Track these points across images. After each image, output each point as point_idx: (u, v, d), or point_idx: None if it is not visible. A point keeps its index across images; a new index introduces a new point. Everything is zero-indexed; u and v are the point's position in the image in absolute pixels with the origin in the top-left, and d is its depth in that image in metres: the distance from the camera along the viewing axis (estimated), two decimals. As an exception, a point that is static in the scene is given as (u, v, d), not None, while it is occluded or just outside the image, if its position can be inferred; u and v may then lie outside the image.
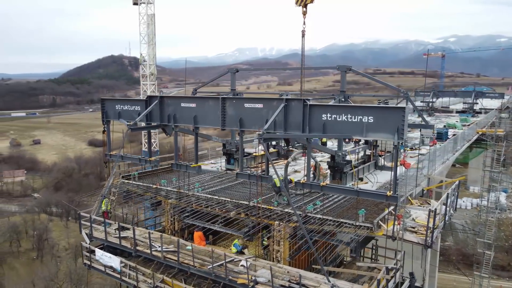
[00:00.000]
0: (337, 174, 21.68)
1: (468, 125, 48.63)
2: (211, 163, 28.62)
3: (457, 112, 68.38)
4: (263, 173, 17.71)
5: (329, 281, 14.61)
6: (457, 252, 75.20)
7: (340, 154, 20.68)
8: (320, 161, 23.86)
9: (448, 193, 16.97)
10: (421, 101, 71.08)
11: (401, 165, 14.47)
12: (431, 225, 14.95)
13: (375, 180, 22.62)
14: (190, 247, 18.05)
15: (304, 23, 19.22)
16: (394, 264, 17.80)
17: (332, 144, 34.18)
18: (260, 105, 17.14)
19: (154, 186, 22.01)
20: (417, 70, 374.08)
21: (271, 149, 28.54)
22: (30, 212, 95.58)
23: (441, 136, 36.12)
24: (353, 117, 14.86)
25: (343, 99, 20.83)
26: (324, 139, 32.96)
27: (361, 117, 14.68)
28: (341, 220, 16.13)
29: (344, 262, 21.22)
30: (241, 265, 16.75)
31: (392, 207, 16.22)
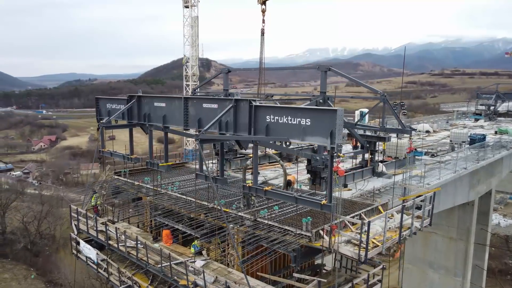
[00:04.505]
0: (316, 179, 20.69)
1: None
2: (212, 162, 28.66)
3: None
4: (217, 175, 17.39)
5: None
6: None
7: (317, 158, 19.65)
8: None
9: (404, 204, 15.27)
10: (480, 104, 65.25)
11: (334, 171, 13.31)
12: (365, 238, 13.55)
13: (363, 187, 21.21)
14: (152, 245, 18.29)
15: (263, 21, 18.46)
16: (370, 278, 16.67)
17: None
18: (215, 106, 16.84)
19: (136, 183, 22.65)
20: (502, 70, 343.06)
21: (273, 151, 27.88)
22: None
23: (473, 142, 32.82)
24: (293, 119, 13.99)
25: (321, 101, 19.74)
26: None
27: (300, 120, 13.78)
28: (285, 227, 15.33)
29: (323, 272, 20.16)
30: (191, 267, 16.62)
31: (341, 219, 15.06)
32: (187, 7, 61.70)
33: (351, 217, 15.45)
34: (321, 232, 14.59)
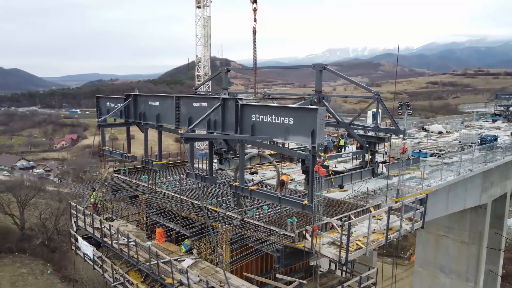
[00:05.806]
0: (311, 179, 20.39)
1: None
2: (213, 162, 28.65)
3: None
4: (206, 174, 17.35)
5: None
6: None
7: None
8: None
9: (391, 206, 14.84)
10: (499, 105, 63.44)
11: (316, 171, 13.06)
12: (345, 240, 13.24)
13: (360, 188, 20.83)
14: (143, 243, 18.40)
15: (255, 20, 18.27)
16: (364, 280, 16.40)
17: (348, 147, 32.15)
18: (204, 104, 16.84)
19: (133, 181, 22.85)
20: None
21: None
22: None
23: (484, 143, 31.88)
24: (276, 118, 13.88)
25: (315, 100, 19.47)
26: (341, 142, 31.16)
27: (283, 119, 13.65)
28: (270, 227, 15.16)
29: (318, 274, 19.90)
30: (179, 266, 16.63)
31: (324, 220, 14.79)
32: (199, 7, 62.05)
33: (337, 218, 15.16)
34: (304, 232, 14.37)
